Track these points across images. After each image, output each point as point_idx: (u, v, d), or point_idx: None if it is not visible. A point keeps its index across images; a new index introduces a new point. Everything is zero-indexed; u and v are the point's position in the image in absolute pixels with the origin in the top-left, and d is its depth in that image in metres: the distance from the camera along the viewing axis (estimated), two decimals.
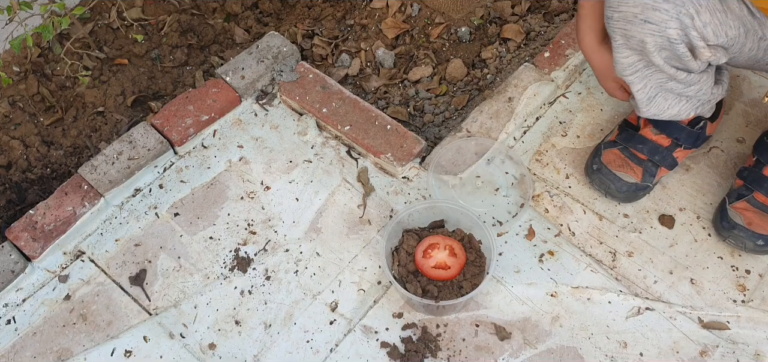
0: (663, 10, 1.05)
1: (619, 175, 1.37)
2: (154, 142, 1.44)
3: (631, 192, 1.37)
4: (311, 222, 1.38)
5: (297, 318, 1.26)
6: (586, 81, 1.59)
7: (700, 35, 1.08)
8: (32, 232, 1.32)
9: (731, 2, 1.11)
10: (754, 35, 1.16)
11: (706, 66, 1.16)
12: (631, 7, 1.07)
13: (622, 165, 1.38)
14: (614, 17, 1.10)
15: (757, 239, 1.29)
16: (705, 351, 1.22)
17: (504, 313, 1.27)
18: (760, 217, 1.30)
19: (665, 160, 1.38)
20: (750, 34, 1.15)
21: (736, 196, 1.33)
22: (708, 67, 1.19)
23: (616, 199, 1.39)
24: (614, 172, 1.37)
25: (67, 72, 1.63)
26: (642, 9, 1.06)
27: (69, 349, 1.23)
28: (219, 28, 1.76)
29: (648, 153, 1.37)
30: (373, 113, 1.50)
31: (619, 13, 1.09)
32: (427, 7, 1.77)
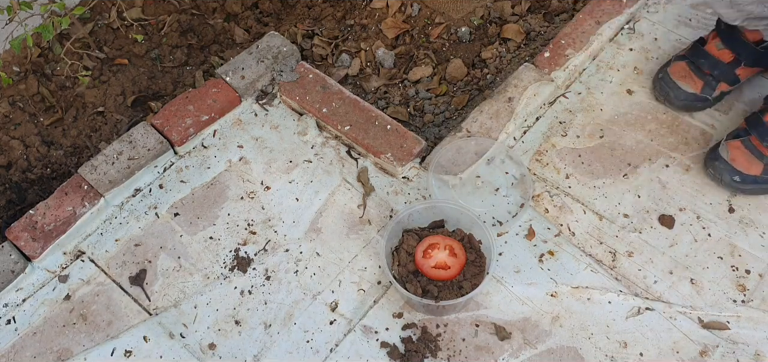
0: None
1: (678, 84, 1.46)
2: (154, 142, 1.44)
3: (689, 102, 1.47)
4: (311, 222, 1.38)
5: (297, 318, 1.26)
6: (586, 81, 1.59)
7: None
8: (32, 232, 1.32)
9: None
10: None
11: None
12: None
13: (685, 76, 1.47)
14: None
15: (734, 174, 1.35)
16: (705, 351, 1.22)
17: (504, 313, 1.27)
18: (747, 158, 1.35)
19: (725, 75, 1.46)
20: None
21: (734, 135, 1.39)
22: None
23: (674, 108, 1.49)
24: (675, 81, 1.47)
25: (67, 72, 1.63)
26: None
27: (69, 349, 1.23)
28: (219, 28, 1.76)
29: (709, 67, 1.46)
30: (373, 113, 1.50)
31: None
32: (427, 7, 1.77)
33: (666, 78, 1.49)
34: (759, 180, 1.36)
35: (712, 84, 1.46)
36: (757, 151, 1.36)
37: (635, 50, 1.64)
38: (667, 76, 1.49)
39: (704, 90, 1.46)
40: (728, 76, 1.46)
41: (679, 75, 1.48)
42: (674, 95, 1.48)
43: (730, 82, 1.47)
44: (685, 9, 1.72)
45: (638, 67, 1.61)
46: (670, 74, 1.49)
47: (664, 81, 1.49)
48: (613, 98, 1.56)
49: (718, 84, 1.46)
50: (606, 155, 1.47)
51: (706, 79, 1.46)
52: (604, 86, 1.58)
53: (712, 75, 1.46)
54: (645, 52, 1.64)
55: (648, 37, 1.67)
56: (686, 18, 1.70)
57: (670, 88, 1.48)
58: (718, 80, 1.46)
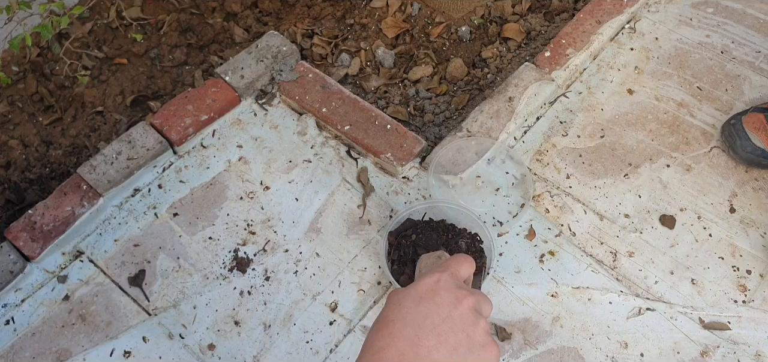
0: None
1: (749, 134, 1.40)
2: (154, 141, 1.44)
3: (755, 156, 1.40)
4: (311, 223, 1.37)
5: (297, 318, 1.26)
6: (586, 80, 1.59)
7: None
8: (31, 232, 1.32)
9: None
10: None
11: None
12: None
13: (759, 129, 1.40)
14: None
15: (748, 146, 1.35)
16: (706, 352, 1.22)
17: (504, 313, 1.26)
18: (766, 132, 1.34)
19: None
20: None
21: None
22: None
23: (737, 157, 1.43)
24: (746, 131, 1.40)
25: (66, 71, 1.63)
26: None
27: (68, 350, 1.23)
28: (218, 28, 1.75)
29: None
30: (373, 113, 1.50)
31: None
32: (427, 7, 1.76)
33: (738, 126, 1.42)
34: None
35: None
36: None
37: (636, 50, 1.64)
38: (740, 124, 1.42)
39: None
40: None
41: (753, 126, 1.40)
42: (741, 145, 1.40)
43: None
44: (686, 8, 1.72)
45: (639, 67, 1.61)
46: (743, 123, 1.42)
47: (735, 128, 1.42)
48: (614, 98, 1.56)
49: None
50: (607, 155, 1.46)
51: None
52: (605, 86, 1.58)
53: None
54: (646, 52, 1.64)
55: (649, 37, 1.66)
56: (687, 17, 1.70)
57: (738, 137, 1.41)
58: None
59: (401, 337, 0.62)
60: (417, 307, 0.64)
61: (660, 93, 1.56)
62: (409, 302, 0.65)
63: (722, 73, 1.59)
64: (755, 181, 1.42)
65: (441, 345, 0.62)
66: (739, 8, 1.72)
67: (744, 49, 1.64)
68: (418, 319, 0.63)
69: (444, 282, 0.66)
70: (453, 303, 0.65)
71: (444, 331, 0.63)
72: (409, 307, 0.64)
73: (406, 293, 0.66)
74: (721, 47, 1.64)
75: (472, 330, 0.64)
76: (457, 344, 0.63)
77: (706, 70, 1.60)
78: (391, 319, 0.64)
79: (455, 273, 0.69)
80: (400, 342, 0.62)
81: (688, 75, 1.59)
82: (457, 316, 0.64)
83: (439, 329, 0.63)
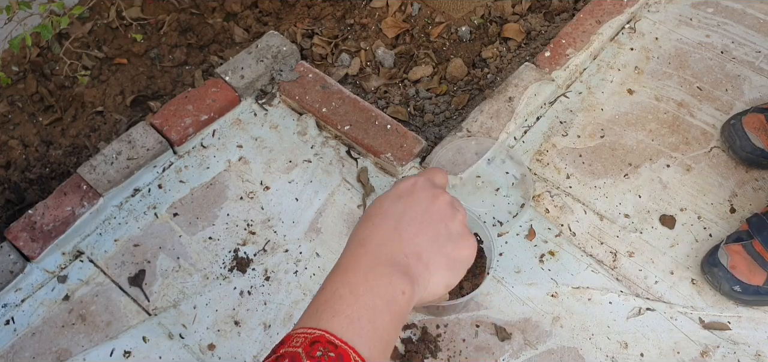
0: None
1: (748, 134, 1.39)
2: (154, 141, 1.44)
3: (754, 156, 1.40)
4: (311, 223, 1.37)
5: (297, 318, 1.26)
6: (586, 80, 1.59)
7: None
8: (31, 232, 1.32)
9: None
10: None
11: None
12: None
13: (759, 129, 1.39)
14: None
15: (735, 284, 1.24)
16: (706, 352, 1.22)
17: (504, 314, 1.26)
18: (749, 266, 1.24)
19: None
20: None
21: (735, 238, 1.28)
22: None
23: (737, 158, 1.42)
24: (746, 131, 1.39)
25: (66, 71, 1.63)
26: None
27: (68, 350, 1.23)
28: (218, 28, 1.75)
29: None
30: (373, 113, 1.50)
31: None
32: (427, 7, 1.76)
33: (738, 126, 1.41)
34: (761, 291, 1.24)
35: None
36: (760, 258, 1.23)
37: (636, 50, 1.64)
38: (739, 124, 1.41)
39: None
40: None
41: (753, 126, 1.40)
42: (740, 145, 1.40)
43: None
44: (686, 8, 1.72)
45: (639, 67, 1.61)
46: (743, 123, 1.41)
47: (735, 128, 1.41)
48: (614, 98, 1.56)
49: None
50: (607, 155, 1.46)
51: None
52: (605, 86, 1.58)
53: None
54: (646, 52, 1.64)
55: (649, 37, 1.66)
56: (687, 17, 1.70)
57: (738, 137, 1.40)
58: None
59: (383, 227, 0.66)
60: (396, 203, 0.68)
61: (660, 93, 1.56)
62: (389, 200, 0.69)
63: (722, 73, 1.59)
64: (755, 181, 1.42)
65: (421, 232, 0.66)
66: (739, 8, 1.72)
67: (744, 49, 1.64)
68: (398, 212, 0.67)
69: (421, 183, 0.70)
70: (430, 199, 0.69)
71: (424, 222, 0.67)
72: (390, 204, 0.68)
73: (385, 195, 0.70)
74: (721, 47, 1.64)
75: (450, 221, 0.68)
76: (436, 233, 0.66)
77: (706, 70, 1.60)
78: (373, 214, 0.67)
79: (430, 178, 0.73)
80: (382, 230, 0.66)
81: (688, 75, 1.59)
82: (435, 210, 0.68)
83: (418, 219, 0.67)
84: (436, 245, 0.66)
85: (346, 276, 0.62)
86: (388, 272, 0.62)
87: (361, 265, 0.63)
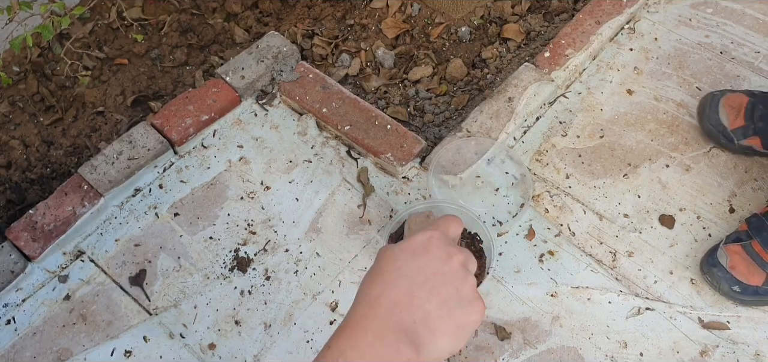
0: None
1: (719, 110, 1.41)
2: (154, 141, 1.44)
3: (715, 131, 1.42)
4: (311, 223, 1.38)
5: (297, 318, 1.26)
6: (586, 81, 1.59)
7: None
8: (32, 232, 1.32)
9: None
10: None
11: None
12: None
13: (733, 108, 1.41)
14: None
15: (734, 284, 1.24)
16: (705, 351, 1.22)
17: (504, 313, 1.27)
18: (748, 266, 1.24)
19: (766, 134, 1.37)
20: None
21: (734, 239, 1.28)
22: None
23: (701, 128, 1.45)
24: (719, 105, 1.42)
25: (66, 72, 1.63)
26: None
27: (69, 349, 1.23)
28: (219, 28, 1.76)
29: (759, 117, 1.38)
30: (373, 113, 1.50)
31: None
32: (427, 7, 1.77)
33: (717, 97, 1.42)
34: (760, 291, 1.24)
35: (747, 131, 1.38)
36: (759, 259, 1.23)
37: (635, 50, 1.64)
38: (721, 96, 1.42)
39: (736, 131, 1.38)
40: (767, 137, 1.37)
41: (729, 104, 1.41)
42: (707, 116, 1.42)
43: (765, 144, 1.38)
44: (685, 9, 1.72)
45: (638, 67, 1.61)
46: (722, 98, 1.42)
47: (713, 98, 1.42)
48: (614, 98, 1.56)
49: (753, 136, 1.38)
50: (606, 155, 1.47)
51: (748, 124, 1.38)
52: (605, 86, 1.58)
53: (756, 125, 1.37)
54: (645, 52, 1.64)
55: (648, 37, 1.67)
56: (686, 18, 1.70)
57: (709, 108, 1.42)
58: (757, 133, 1.37)
59: (396, 287, 0.66)
60: (410, 261, 0.68)
61: (659, 93, 1.56)
62: (404, 256, 0.68)
63: (721, 73, 1.59)
64: (754, 181, 1.43)
65: (432, 297, 0.66)
66: (739, 8, 1.72)
67: (743, 49, 1.64)
68: (411, 272, 0.67)
69: (436, 240, 0.69)
70: (444, 258, 0.68)
71: (436, 285, 0.66)
72: (404, 260, 0.68)
73: (399, 248, 0.70)
74: (721, 47, 1.64)
75: (461, 285, 0.67)
76: (447, 297, 0.66)
77: (706, 70, 1.60)
78: (386, 270, 0.67)
79: (446, 231, 0.73)
80: (395, 291, 0.66)
81: (688, 75, 1.59)
82: (447, 271, 0.68)
83: (430, 282, 0.66)
84: (445, 309, 0.65)
85: (355, 337, 0.63)
86: (396, 339, 0.63)
87: (370, 328, 0.63)
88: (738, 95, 1.42)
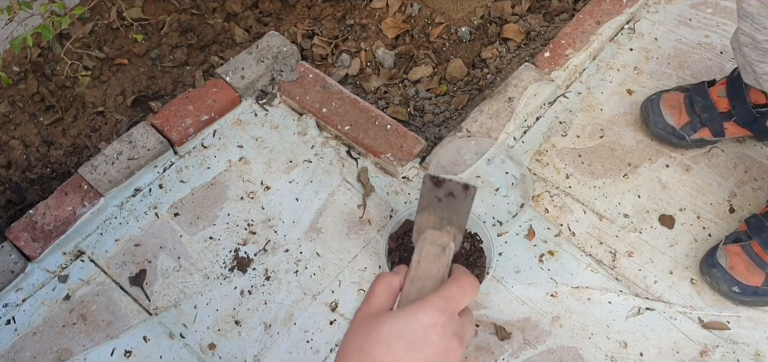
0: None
1: (662, 111, 1.43)
2: (154, 141, 1.44)
3: (665, 133, 1.43)
4: (311, 223, 1.38)
5: (297, 318, 1.26)
6: (586, 81, 1.59)
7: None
8: (32, 232, 1.32)
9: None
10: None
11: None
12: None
13: (674, 107, 1.42)
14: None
15: (734, 285, 1.24)
16: (705, 351, 1.22)
17: (504, 313, 1.27)
18: (747, 266, 1.24)
19: (713, 123, 1.39)
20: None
21: (733, 239, 1.28)
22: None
23: (650, 133, 1.45)
24: (661, 107, 1.43)
25: (66, 72, 1.63)
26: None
27: (69, 349, 1.23)
28: (219, 28, 1.76)
29: (702, 108, 1.40)
30: (373, 113, 1.50)
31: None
32: (427, 7, 1.77)
33: (656, 101, 1.44)
34: (760, 291, 1.24)
35: (695, 125, 1.40)
36: (758, 259, 1.23)
37: (635, 50, 1.64)
38: (658, 99, 1.44)
39: (685, 127, 1.41)
40: (715, 125, 1.39)
41: (670, 104, 1.43)
42: (653, 121, 1.43)
43: (714, 132, 1.40)
44: (685, 9, 1.72)
45: (638, 67, 1.61)
46: (661, 99, 1.44)
47: (652, 104, 1.44)
48: (614, 98, 1.56)
49: (702, 128, 1.40)
50: (606, 155, 1.47)
51: (693, 118, 1.40)
52: (605, 86, 1.58)
53: (701, 117, 1.39)
54: (645, 52, 1.64)
55: (648, 37, 1.67)
56: (686, 18, 1.70)
57: (652, 112, 1.43)
58: (704, 125, 1.39)
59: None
60: (406, 355, 0.61)
61: None
62: (400, 345, 0.61)
63: (721, 73, 1.59)
64: (754, 181, 1.43)
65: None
66: None
67: None
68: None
69: (439, 329, 0.62)
70: (442, 355, 0.62)
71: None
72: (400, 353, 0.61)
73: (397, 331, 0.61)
74: (721, 47, 1.64)
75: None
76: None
77: (706, 70, 1.60)
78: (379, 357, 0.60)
79: (454, 311, 0.65)
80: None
81: (688, 75, 1.59)
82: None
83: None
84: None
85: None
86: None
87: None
88: (672, 94, 1.45)
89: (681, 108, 1.42)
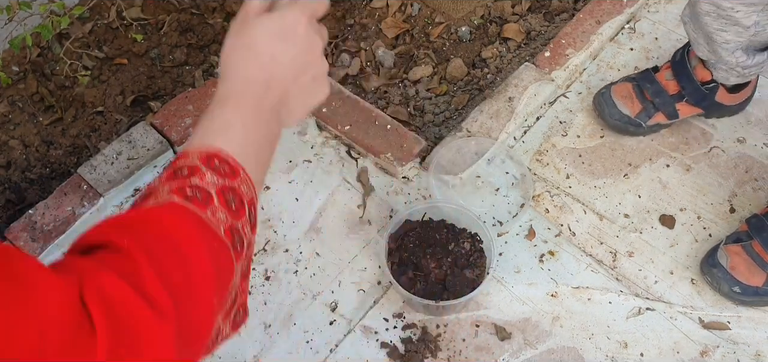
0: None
1: (616, 102, 1.44)
2: (154, 141, 1.44)
3: (622, 123, 1.45)
4: (311, 223, 1.37)
5: (297, 318, 1.26)
6: (586, 80, 1.59)
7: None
8: (31, 232, 1.32)
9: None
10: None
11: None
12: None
13: (626, 97, 1.44)
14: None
15: (734, 285, 1.24)
16: (705, 352, 1.22)
17: (504, 313, 1.27)
18: (748, 266, 1.24)
19: (665, 106, 1.42)
20: None
21: (734, 239, 1.28)
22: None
23: (607, 126, 1.47)
24: (614, 99, 1.45)
25: (66, 72, 1.63)
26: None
27: None
28: (218, 28, 1.76)
29: (653, 94, 1.43)
30: (373, 113, 1.50)
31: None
32: (427, 7, 1.76)
33: (606, 94, 1.46)
34: (761, 291, 1.24)
35: (650, 111, 1.43)
36: (759, 259, 1.23)
37: (636, 50, 1.64)
38: (608, 92, 1.46)
39: (640, 115, 1.43)
40: (668, 108, 1.42)
41: (621, 94, 1.45)
42: (609, 113, 1.45)
43: (668, 115, 1.42)
44: None
45: (639, 67, 1.61)
46: (612, 91, 1.46)
47: (604, 97, 1.46)
48: None
49: (656, 113, 1.42)
50: (606, 155, 1.47)
51: (646, 105, 1.43)
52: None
53: (653, 102, 1.42)
54: (645, 52, 1.64)
55: (648, 37, 1.67)
56: None
57: (606, 104, 1.45)
58: (658, 109, 1.42)
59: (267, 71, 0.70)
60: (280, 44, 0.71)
61: None
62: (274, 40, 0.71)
63: None
64: (755, 181, 1.43)
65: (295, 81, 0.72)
66: None
67: None
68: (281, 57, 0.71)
69: (305, 27, 0.74)
70: (309, 47, 0.74)
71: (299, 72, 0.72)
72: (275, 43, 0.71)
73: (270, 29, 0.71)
74: None
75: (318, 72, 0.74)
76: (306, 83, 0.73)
77: None
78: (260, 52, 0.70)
79: (314, 16, 0.77)
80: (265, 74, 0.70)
81: None
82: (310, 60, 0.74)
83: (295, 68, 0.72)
84: (303, 94, 0.72)
85: (239, 110, 0.68)
86: (269, 118, 0.69)
87: (250, 105, 0.68)
88: (620, 85, 1.47)
89: (632, 97, 1.44)
